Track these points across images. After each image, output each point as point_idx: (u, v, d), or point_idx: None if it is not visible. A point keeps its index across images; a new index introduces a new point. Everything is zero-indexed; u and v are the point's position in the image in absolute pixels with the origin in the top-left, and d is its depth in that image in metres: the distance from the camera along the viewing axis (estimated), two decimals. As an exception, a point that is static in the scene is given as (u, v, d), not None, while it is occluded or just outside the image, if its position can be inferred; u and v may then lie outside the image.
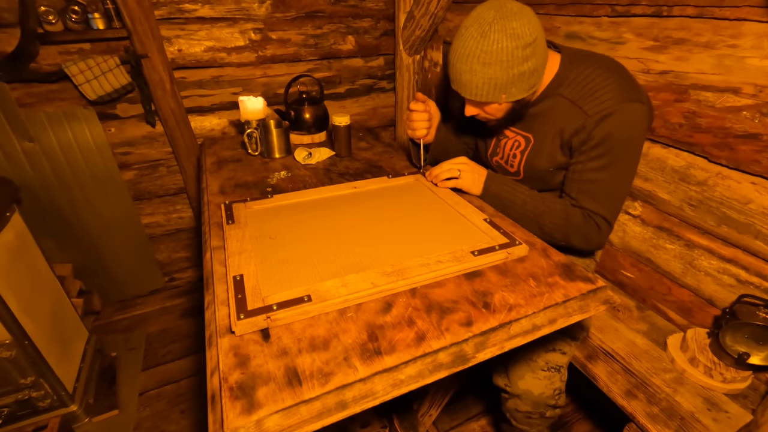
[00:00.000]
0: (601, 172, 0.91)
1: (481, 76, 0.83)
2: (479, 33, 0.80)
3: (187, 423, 1.42)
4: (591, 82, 0.89)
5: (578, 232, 0.95)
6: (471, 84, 0.86)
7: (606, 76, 0.88)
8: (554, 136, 0.95)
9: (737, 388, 0.95)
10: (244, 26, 1.68)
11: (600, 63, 0.92)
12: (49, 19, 1.34)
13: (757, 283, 0.98)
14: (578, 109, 0.90)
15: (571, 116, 0.91)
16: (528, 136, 1.01)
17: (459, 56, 0.84)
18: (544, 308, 0.67)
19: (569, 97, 0.92)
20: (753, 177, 0.94)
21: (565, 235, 0.96)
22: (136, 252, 1.88)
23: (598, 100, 0.87)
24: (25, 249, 1.29)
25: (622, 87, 0.87)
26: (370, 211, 0.95)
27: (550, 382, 0.96)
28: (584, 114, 0.88)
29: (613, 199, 0.94)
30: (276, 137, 1.28)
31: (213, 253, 0.80)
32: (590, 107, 0.88)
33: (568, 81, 0.92)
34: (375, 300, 0.68)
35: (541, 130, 0.98)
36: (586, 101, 0.89)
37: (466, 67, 0.84)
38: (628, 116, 0.86)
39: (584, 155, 0.91)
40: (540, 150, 0.99)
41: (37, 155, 1.53)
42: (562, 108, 0.93)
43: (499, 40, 0.79)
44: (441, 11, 1.66)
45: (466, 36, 0.82)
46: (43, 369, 1.21)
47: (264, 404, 0.50)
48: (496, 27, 0.79)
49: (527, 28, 0.79)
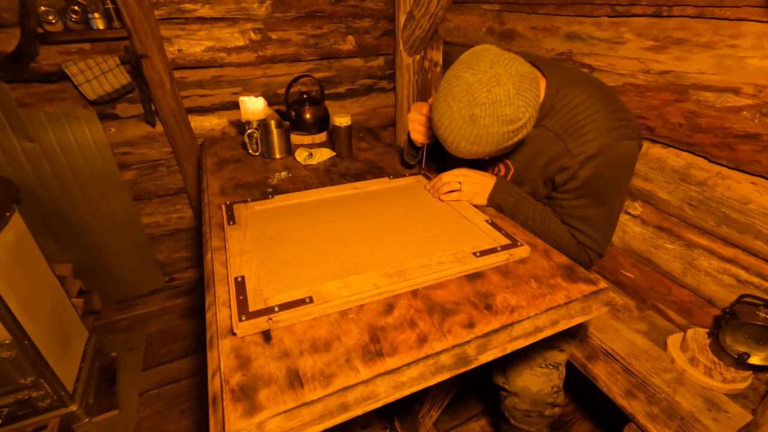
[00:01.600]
0: (590, 208, 0.89)
1: (468, 149, 0.80)
2: (468, 115, 0.75)
3: (187, 423, 1.42)
4: (578, 114, 0.83)
5: (572, 255, 0.93)
6: (456, 149, 0.82)
7: (594, 110, 0.82)
8: (538, 169, 0.92)
9: (737, 388, 0.95)
10: (244, 26, 1.67)
11: (590, 92, 0.84)
12: (49, 19, 1.33)
13: (757, 283, 0.98)
14: (563, 145, 0.85)
15: (555, 151, 0.87)
16: (508, 163, 0.98)
17: (445, 127, 0.80)
18: (546, 310, 0.67)
19: (554, 130, 0.87)
20: (753, 177, 0.94)
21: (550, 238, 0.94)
22: (136, 252, 1.87)
23: (584, 138, 0.81)
24: (25, 249, 1.29)
25: (610, 122, 0.81)
26: (371, 212, 0.95)
27: (548, 379, 0.96)
28: (568, 152, 0.84)
29: (604, 231, 0.92)
30: (277, 137, 1.28)
31: (214, 253, 0.80)
32: (575, 146, 0.83)
33: (554, 112, 0.86)
34: (376, 301, 0.68)
35: (522, 160, 0.95)
36: (571, 137, 0.84)
37: (454, 139, 0.80)
38: (613, 156, 0.81)
39: (570, 194, 0.88)
40: (521, 178, 0.97)
41: (37, 155, 1.53)
42: (546, 140, 0.88)
43: (489, 125, 0.75)
44: (441, 11, 1.66)
45: (454, 110, 0.76)
46: (43, 369, 1.21)
47: (265, 406, 0.50)
48: (485, 112, 0.73)
49: (519, 111, 0.74)
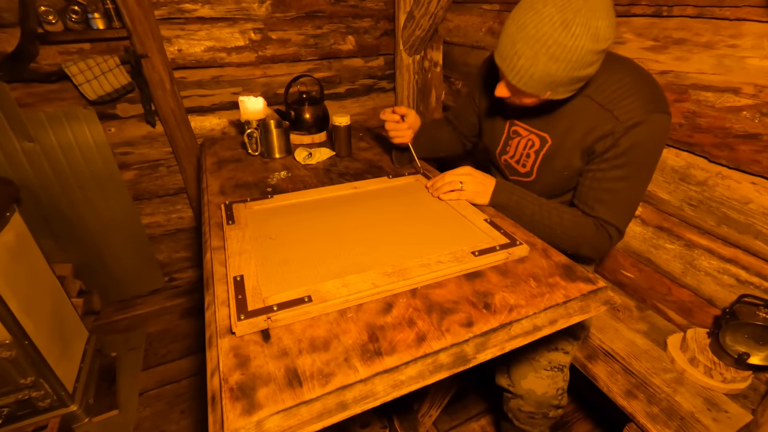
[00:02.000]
0: (622, 181, 0.86)
1: (542, 68, 0.73)
2: (561, 20, 0.69)
3: (187, 423, 1.42)
4: (622, 87, 0.83)
5: (589, 242, 0.92)
6: (525, 72, 0.76)
7: (637, 83, 0.83)
8: (578, 139, 0.90)
9: (737, 388, 0.95)
10: (244, 26, 1.67)
11: (629, 68, 0.86)
12: (49, 19, 1.34)
13: (757, 283, 0.98)
14: (608, 113, 0.84)
15: (599, 120, 0.85)
16: (544, 135, 0.96)
17: (525, 36, 0.72)
18: (545, 309, 0.67)
19: (598, 100, 0.86)
20: (753, 177, 0.94)
21: (575, 245, 0.93)
22: (136, 252, 1.88)
23: (629, 107, 0.81)
24: (25, 249, 1.29)
25: (652, 94, 0.82)
26: (370, 211, 0.95)
27: (553, 381, 0.96)
28: (615, 119, 0.83)
29: (629, 209, 0.91)
30: (276, 137, 1.28)
31: (213, 253, 0.80)
32: (621, 113, 0.82)
33: (598, 83, 0.86)
34: (375, 300, 0.68)
35: (562, 132, 0.92)
36: (616, 106, 0.83)
37: (530, 53, 0.73)
38: (655, 127, 0.81)
39: (606, 163, 0.86)
40: (558, 152, 0.94)
41: (37, 155, 1.53)
42: (589, 111, 0.87)
43: (580, 36, 0.69)
44: (441, 11, 1.66)
45: (544, 15, 0.70)
46: (43, 369, 1.21)
47: (264, 405, 0.50)
48: (580, 20, 0.68)
49: (609, 30, 0.70)
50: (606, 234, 0.91)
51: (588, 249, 0.94)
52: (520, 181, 1.06)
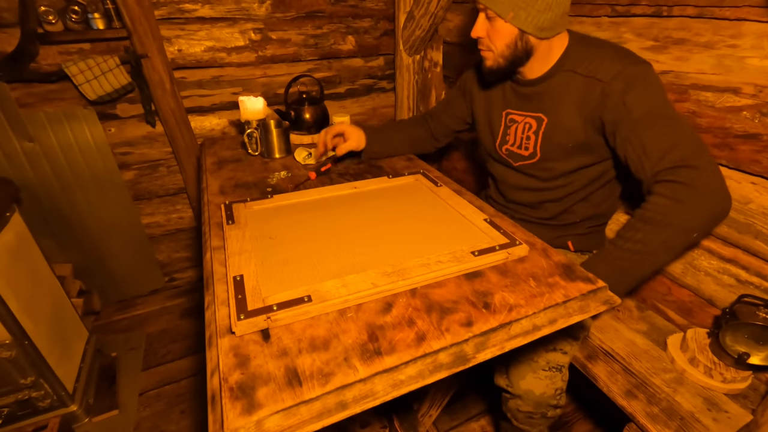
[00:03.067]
0: (655, 123, 0.83)
1: None
2: None
3: (187, 423, 1.42)
4: (599, 56, 0.90)
5: (675, 214, 0.79)
6: None
7: (611, 50, 0.91)
8: (573, 111, 0.94)
9: (737, 388, 0.95)
10: (244, 26, 1.68)
11: (603, 42, 0.95)
12: (49, 19, 1.34)
13: (757, 283, 0.98)
14: (591, 79, 0.90)
15: (587, 87, 0.90)
16: (538, 115, 1.00)
17: None
18: (545, 308, 0.67)
19: (580, 72, 0.92)
20: (753, 177, 0.94)
21: (683, 230, 0.80)
22: (136, 252, 1.88)
23: (608, 68, 0.87)
24: (25, 249, 1.29)
25: (626, 54, 0.89)
26: (370, 211, 0.95)
27: (551, 382, 0.96)
28: (599, 81, 0.88)
29: (687, 141, 0.80)
30: (276, 137, 1.28)
31: (213, 253, 0.80)
32: (603, 75, 0.87)
33: (576, 57, 0.93)
34: (375, 300, 0.68)
35: (554, 108, 0.97)
36: (596, 70, 0.89)
37: None
38: (641, 71, 0.85)
39: (629, 121, 0.85)
40: (556, 126, 0.98)
41: (37, 155, 1.53)
42: (575, 82, 0.93)
43: None
44: (441, 11, 1.66)
45: None
46: (43, 369, 1.21)
47: (264, 404, 0.50)
48: None
49: None
50: (681, 186, 0.78)
51: (691, 219, 0.79)
52: (525, 164, 1.07)
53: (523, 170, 1.09)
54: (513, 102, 1.07)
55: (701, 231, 0.82)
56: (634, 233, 0.84)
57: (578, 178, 1.02)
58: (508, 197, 1.18)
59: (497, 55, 0.95)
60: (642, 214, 0.84)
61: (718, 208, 0.81)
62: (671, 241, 0.82)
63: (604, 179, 1.03)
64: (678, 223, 0.80)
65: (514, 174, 1.13)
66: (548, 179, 1.05)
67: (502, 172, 1.16)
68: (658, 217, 0.81)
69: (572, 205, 1.07)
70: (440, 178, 1.12)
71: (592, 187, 1.04)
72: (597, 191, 1.05)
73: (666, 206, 0.80)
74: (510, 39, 0.91)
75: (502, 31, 0.91)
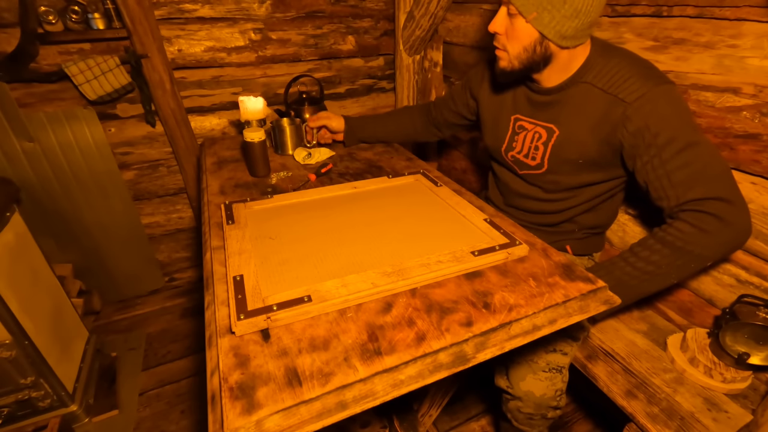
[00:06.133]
0: (681, 150, 0.78)
1: None
2: None
3: (187, 423, 1.42)
4: (620, 70, 0.84)
5: (698, 243, 0.78)
6: None
7: (633, 65, 0.84)
8: (588, 128, 0.88)
9: (737, 388, 0.95)
10: (244, 26, 1.68)
11: (624, 54, 0.88)
12: (49, 19, 1.34)
13: (757, 283, 0.98)
14: (612, 96, 0.84)
15: (607, 105, 0.85)
16: (550, 126, 0.95)
17: None
18: (545, 308, 0.67)
19: (599, 86, 0.86)
20: (753, 177, 0.94)
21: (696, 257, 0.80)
22: (136, 252, 1.88)
23: (632, 87, 0.81)
24: (25, 249, 1.29)
25: (650, 71, 0.83)
26: (370, 211, 0.95)
27: (551, 383, 0.96)
28: (621, 101, 0.82)
29: (717, 172, 0.79)
30: (289, 135, 1.29)
31: (213, 253, 0.80)
32: (626, 94, 0.82)
33: (596, 69, 0.87)
34: (375, 300, 0.68)
35: (568, 120, 0.92)
36: (618, 89, 0.83)
37: None
38: (665, 95, 0.81)
39: (653, 147, 0.81)
40: (568, 141, 0.92)
41: (37, 155, 1.53)
42: (594, 96, 0.87)
43: None
44: (441, 11, 1.66)
45: None
46: (43, 369, 1.21)
47: (264, 404, 0.50)
48: None
49: None
50: (708, 216, 0.77)
51: (708, 249, 0.79)
52: (531, 173, 1.04)
53: (527, 179, 1.06)
54: (524, 108, 1.01)
55: (718, 260, 0.82)
56: (650, 254, 0.83)
57: (584, 193, 0.99)
58: (508, 201, 1.16)
59: (512, 56, 0.88)
60: (663, 237, 0.82)
61: (741, 240, 0.81)
62: (686, 266, 0.82)
63: (610, 194, 1.01)
64: (699, 252, 0.79)
65: (517, 181, 1.10)
66: (553, 191, 1.02)
67: (506, 176, 1.13)
68: (679, 243, 0.80)
69: (574, 216, 1.05)
70: (440, 178, 1.12)
71: (596, 201, 1.01)
72: (601, 204, 1.03)
73: (692, 234, 0.79)
74: (528, 42, 0.84)
75: (521, 31, 0.83)
